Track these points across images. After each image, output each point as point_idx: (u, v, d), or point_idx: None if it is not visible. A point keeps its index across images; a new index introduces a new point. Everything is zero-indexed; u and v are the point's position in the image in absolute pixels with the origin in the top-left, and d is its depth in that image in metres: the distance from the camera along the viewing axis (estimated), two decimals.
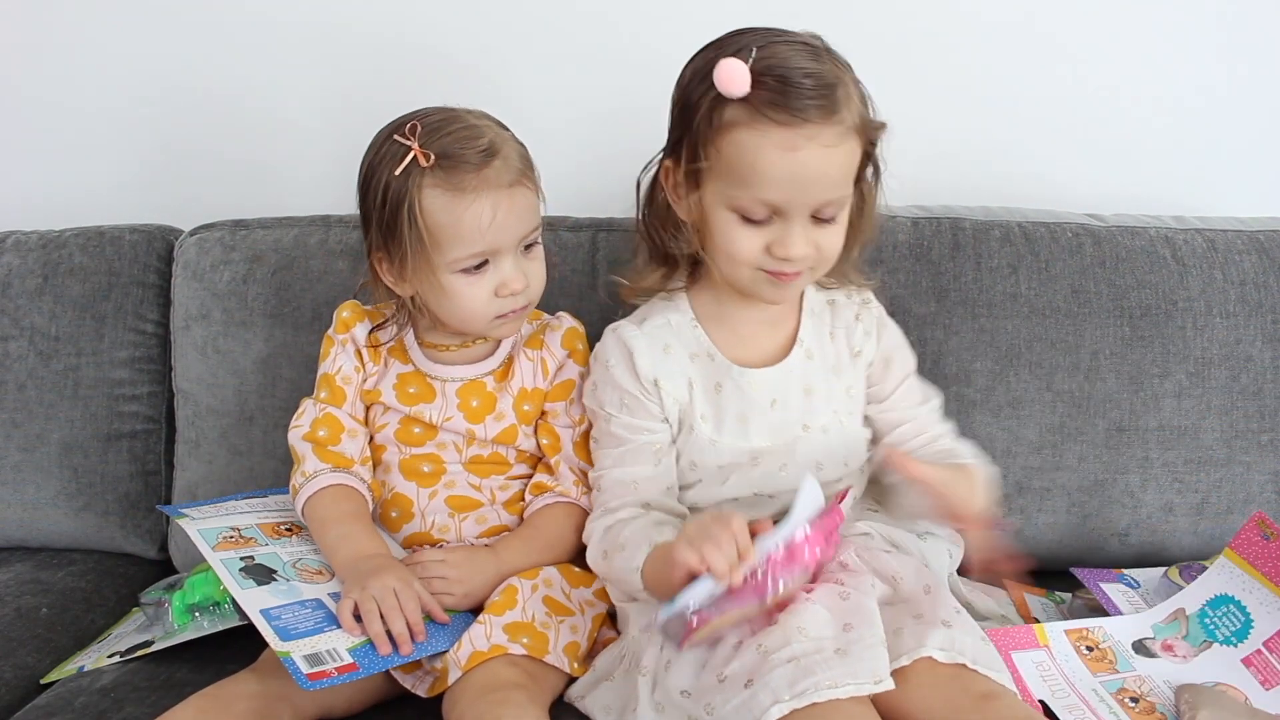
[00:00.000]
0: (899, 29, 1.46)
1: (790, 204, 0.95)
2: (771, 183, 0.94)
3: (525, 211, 1.04)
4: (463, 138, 1.02)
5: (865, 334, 1.10)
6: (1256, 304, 1.26)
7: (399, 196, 1.00)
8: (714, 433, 1.06)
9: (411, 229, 1.01)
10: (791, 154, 0.93)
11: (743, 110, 0.93)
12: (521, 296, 1.06)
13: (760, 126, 0.93)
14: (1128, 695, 0.97)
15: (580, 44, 1.46)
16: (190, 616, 1.09)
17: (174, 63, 1.51)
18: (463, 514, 1.10)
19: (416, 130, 1.01)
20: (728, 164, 0.95)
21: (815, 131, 0.93)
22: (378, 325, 1.14)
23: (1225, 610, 1.03)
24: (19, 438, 1.33)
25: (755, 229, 0.97)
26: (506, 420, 1.12)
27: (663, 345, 1.06)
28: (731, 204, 0.97)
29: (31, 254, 1.37)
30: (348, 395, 1.12)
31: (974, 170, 1.49)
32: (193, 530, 1.07)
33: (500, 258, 1.04)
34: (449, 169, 1.00)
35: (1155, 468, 1.25)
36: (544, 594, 1.04)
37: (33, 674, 1.12)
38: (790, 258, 0.97)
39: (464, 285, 1.03)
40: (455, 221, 1.00)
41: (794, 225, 0.96)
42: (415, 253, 1.02)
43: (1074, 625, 1.05)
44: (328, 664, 0.92)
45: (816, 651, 0.85)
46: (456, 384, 1.12)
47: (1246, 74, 1.47)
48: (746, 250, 0.98)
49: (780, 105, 0.92)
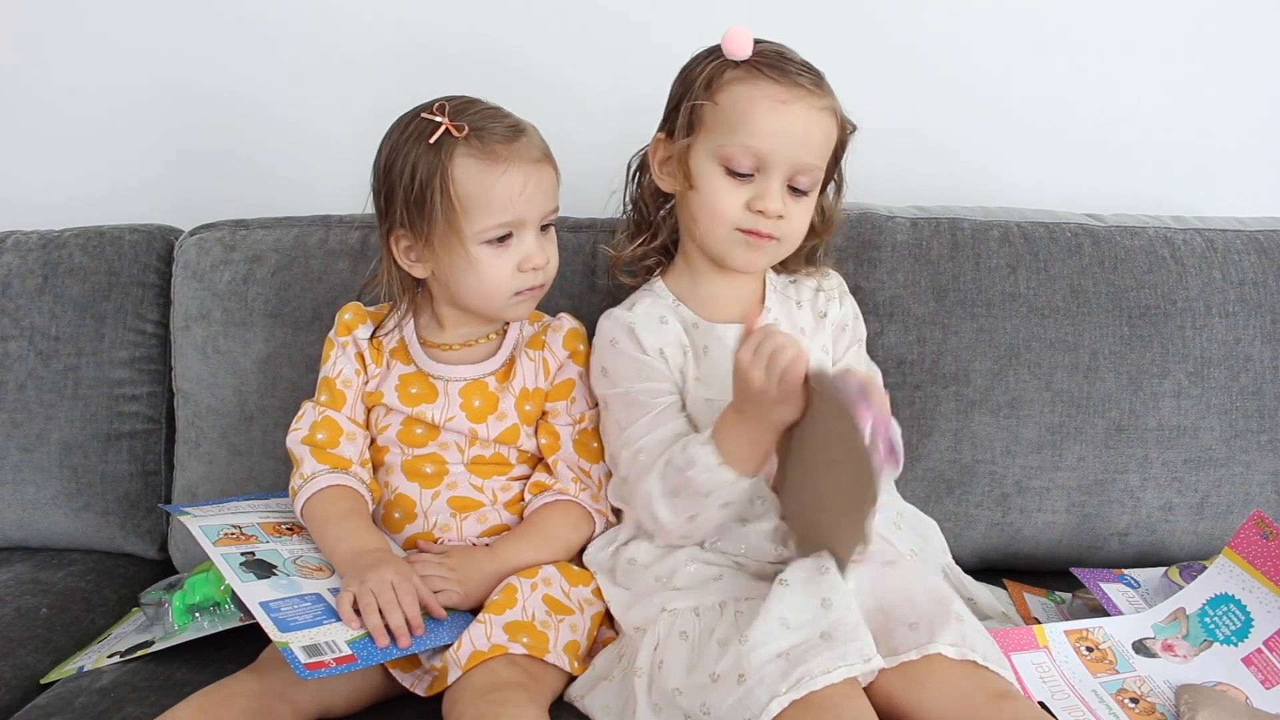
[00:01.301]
0: (899, 29, 1.46)
1: (774, 157, 1.03)
2: (761, 130, 1.02)
3: (550, 189, 1.08)
4: (490, 115, 1.07)
5: (829, 299, 1.16)
6: (1256, 304, 1.26)
7: (430, 168, 1.03)
8: (706, 391, 1.08)
9: (442, 198, 1.03)
10: (783, 105, 1.02)
11: (743, 70, 1.04)
12: (541, 274, 1.09)
13: (757, 81, 1.03)
14: (1127, 696, 0.97)
15: (581, 45, 1.46)
16: (190, 617, 1.09)
17: (174, 63, 1.51)
18: (464, 514, 1.10)
19: (444, 109, 1.05)
20: (723, 113, 1.04)
21: (804, 94, 1.03)
22: (380, 326, 1.15)
23: (1225, 610, 1.03)
24: (19, 438, 1.33)
25: (738, 184, 1.04)
26: (509, 420, 1.12)
27: (659, 319, 1.11)
28: (719, 154, 1.04)
29: (31, 254, 1.37)
30: (348, 398, 1.12)
31: (973, 170, 1.49)
32: (194, 526, 1.07)
33: (524, 231, 1.06)
34: (482, 139, 1.04)
35: (1155, 467, 1.25)
36: (544, 592, 1.04)
37: (33, 674, 1.12)
38: (767, 210, 1.03)
39: (489, 257, 1.06)
40: (487, 190, 1.03)
41: (773, 181, 1.04)
42: (445, 223, 1.04)
43: (1074, 626, 1.05)
44: (326, 655, 0.92)
45: (802, 642, 0.87)
46: (459, 384, 1.12)
47: (1246, 74, 1.47)
48: (728, 204, 1.04)
49: (777, 68, 1.04)
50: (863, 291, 1.24)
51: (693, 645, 0.97)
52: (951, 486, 1.25)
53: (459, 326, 1.14)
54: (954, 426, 1.24)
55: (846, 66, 1.46)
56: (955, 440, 1.24)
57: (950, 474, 1.25)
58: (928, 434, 1.24)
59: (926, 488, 1.25)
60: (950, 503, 1.25)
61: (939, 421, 1.24)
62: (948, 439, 1.24)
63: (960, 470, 1.24)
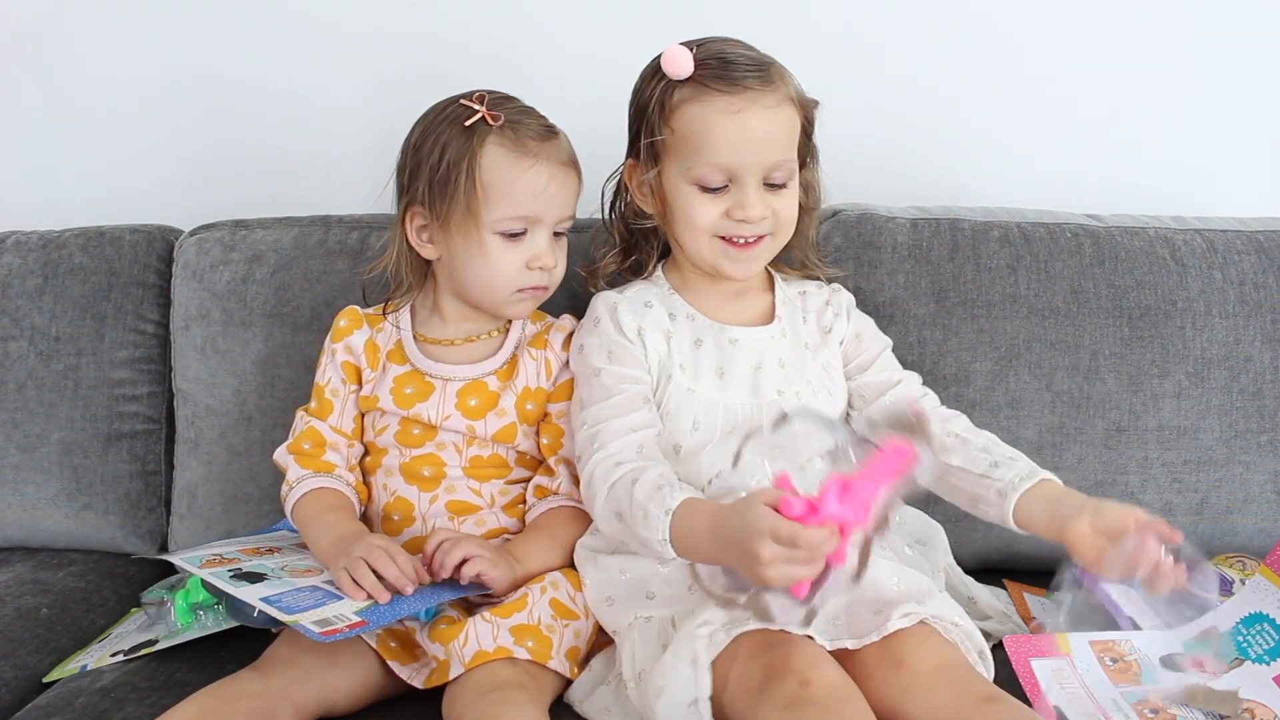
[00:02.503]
0: (899, 30, 1.46)
1: (741, 166, 1.03)
2: (722, 146, 1.02)
3: (571, 194, 1.11)
4: (526, 111, 1.10)
5: (835, 315, 1.16)
6: (1256, 304, 1.25)
7: (460, 150, 1.05)
8: (691, 382, 1.08)
9: (467, 180, 1.05)
10: (736, 116, 1.02)
11: (689, 88, 1.04)
12: (547, 276, 1.10)
13: (706, 97, 1.03)
14: (1148, 707, 0.95)
15: (585, 46, 1.46)
16: (194, 615, 1.10)
17: (175, 64, 1.51)
18: (462, 518, 1.11)
19: (484, 99, 1.08)
20: (681, 138, 1.04)
21: (756, 96, 1.02)
22: (379, 324, 1.16)
23: (1259, 629, 1.01)
24: (19, 438, 1.33)
25: (713, 197, 1.05)
26: (508, 418, 1.12)
27: (644, 302, 1.12)
28: (689, 176, 1.05)
29: (31, 254, 1.37)
30: (334, 407, 1.14)
31: (973, 170, 1.49)
32: (176, 559, 1.07)
33: (539, 230, 1.08)
34: (516, 131, 1.06)
35: (1154, 468, 1.25)
36: (551, 596, 1.04)
37: (33, 674, 1.12)
38: (748, 219, 1.04)
39: (501, 248, 1.07)
40: (512, 180, 1.05)
41: (748, 188, 1.04)
42: (465, 207, 1.06)
43: (1101, 637, 1.03)
44: (338, 624, 0.92)
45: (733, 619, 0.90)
46: (458, 384, 1.12)
47: (1246, 74, 1.47)
48: (706, 217, 1.05)
49: (722, 77, 1.03)
50: (863, 292, 1.24)
51: None
52: None
53: (461, 321, 1.15)
54: None
55: (847, 66, 1.47)
56: None
57: None
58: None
59: None
60: (951, 503, 1.24)
61: None
62: None
63: None
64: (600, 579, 1.05)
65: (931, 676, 0.89)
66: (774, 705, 0.85)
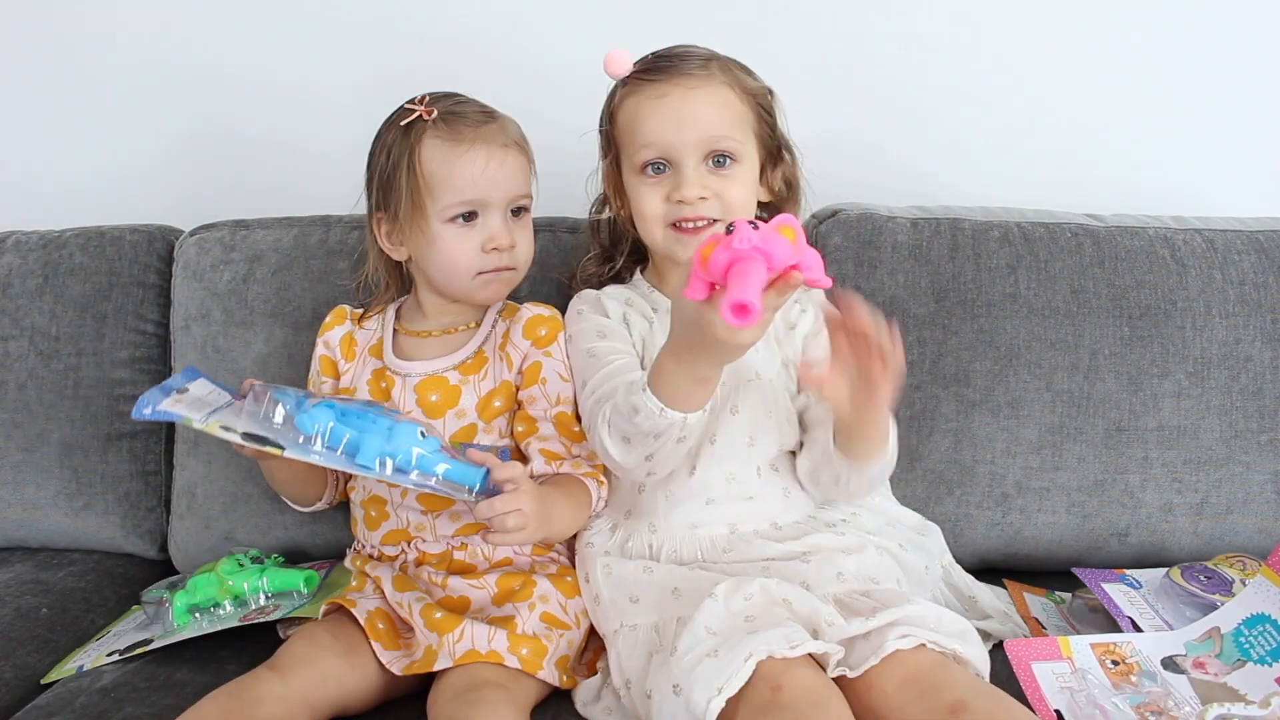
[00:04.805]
0: (899, 30, 1.46)
1: (674, 146, 1.06)
2: (652, 128, 1.06)
3: (516, 172, 1.11)
4: (465, 103, 1.12)
5: (801, 310, 1.15)
6: (1256, 304, 1.25)
7: (401, 149, 1.09)
8: None
9: (409, 177, 1.08)
10: (662, 100, 1.06)
11: (629, 85, 1.09)
12: (508, 256, 1.12)
13: (638, 88, 1.08)
14: (1149, 709, 0.95)
15: (585, 46, 1.46)
16: (190, 616, 1.10)
17: (175, 63, 1.51)
18: (435, 512, 1.11)
19: (425, 99, 1.11)
20: (621, 130, 1.10)
21: (682, 80, 1.06)
22: (364, 315, 1.20)
23: (1261, 629, 1.01)
24: (19, 438, 1.34)
25: (657, 182, 1.08)
26: (467, 419, 1.12)
27: (624, 299, 1.16)
28: (634, 165, 1.09)
29: (32, 254, 1.37)
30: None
31: (973, 170, 1.49)
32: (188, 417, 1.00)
33: (489, 212, 1.10)
34: (450, 123, 1.09)
35: (1155, 468, 1.25)
36: (541, 611, 1.04)
37: (33, 674, 1.12)
38: (685, 198, 1.06)
39: (454, 235, 1.10)
40: (450, 169, 1.08)
41: (685, 168, 1.06)
42: (410, 202, 1.09)
43: (1101, 639, 1.03)
44: None
45: (729, 639, 0.89)
46: (416, 379, 1.13)
47: (1246, 74, 1.47)
48: (653, 204, 1.08)
49: (653, 69, 1.08)
50: (863, 292, 1.24)
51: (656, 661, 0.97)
52: (952, 487, 1.25)
53: (440, 314, 1.18)
54: (954, 427, 1.24)
55: (847, 67, 1.47)
56: (955, 440, 1.24)
57: (950, 474, 1.25)
58: (928, 434, 1.24)
59: (926, 488, 1.25)
60: (950, 503, 1.25)
61: (939, 422, 1.24)
62: (948, 439, 1.24)
63: (960, 470, 1.24)
64: (592, 574, 1.06)
65: (901, 694, 0.88)
66: (749, 712, 0.85)
